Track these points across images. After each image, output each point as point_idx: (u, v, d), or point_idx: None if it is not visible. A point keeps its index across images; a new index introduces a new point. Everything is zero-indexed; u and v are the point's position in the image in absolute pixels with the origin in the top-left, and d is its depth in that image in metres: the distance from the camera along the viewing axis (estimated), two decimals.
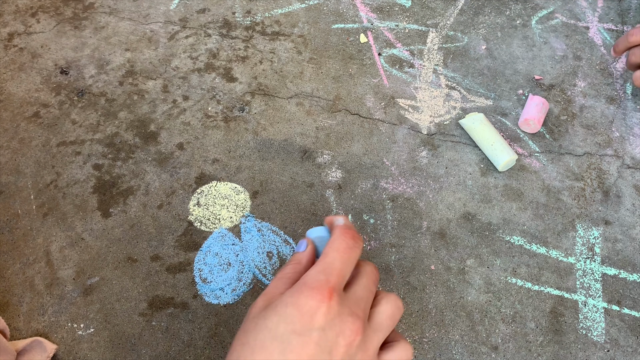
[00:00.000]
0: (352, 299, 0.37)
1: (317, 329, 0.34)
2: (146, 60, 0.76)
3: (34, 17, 0.81)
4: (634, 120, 0.71)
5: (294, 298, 0.35)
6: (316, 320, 0.34)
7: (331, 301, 0.35)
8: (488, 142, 0.66)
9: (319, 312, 0.34)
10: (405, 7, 0.83)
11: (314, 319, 0.34)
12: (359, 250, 0.40)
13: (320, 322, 0.34)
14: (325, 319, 0.34)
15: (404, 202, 0.63)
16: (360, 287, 0.39)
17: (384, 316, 0.38)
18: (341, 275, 0.37)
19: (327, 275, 0.37)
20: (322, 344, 0.34)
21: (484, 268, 0.59)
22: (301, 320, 0.34)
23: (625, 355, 0.54)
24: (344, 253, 0.39)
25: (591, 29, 0.81)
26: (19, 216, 0.61)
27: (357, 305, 0.37)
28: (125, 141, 0.68)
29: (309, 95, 0.73)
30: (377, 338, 0.37)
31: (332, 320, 0.35)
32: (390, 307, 0.39)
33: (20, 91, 0.72)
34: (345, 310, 0.35)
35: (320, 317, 0.34)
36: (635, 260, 0.59)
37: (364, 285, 0.39)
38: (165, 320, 0.55)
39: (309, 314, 0.34)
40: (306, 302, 0.35)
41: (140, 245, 0.60)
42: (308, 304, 0.35)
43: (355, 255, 0.39)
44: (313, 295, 0.35)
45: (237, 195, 0.64)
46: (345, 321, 0.35)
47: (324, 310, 0.34)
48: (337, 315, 0.35)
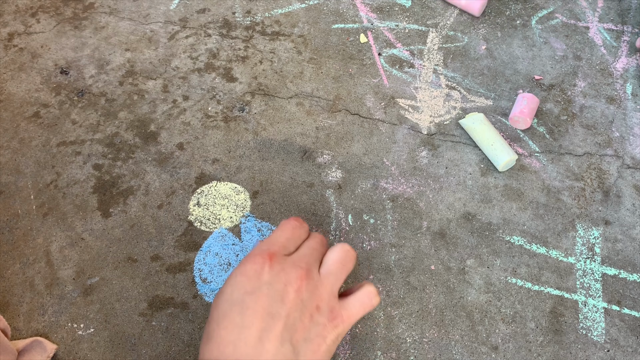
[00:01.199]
0: (295, 257, 0.42)
1: (265, 283, 0.39)
2: (146, 60, 0.76)
3: (34, 17, 0.81)
4: (634, 120, 0.71)
5: (240, 268, 0.40)
6: (262, 277, 0.39)
7: (272, 261, 0.40)
8: (488, 142, 0.66)
9: (263, 271, 0.39)
10: (405, 7, 0.83)
11: (260, 278, 0.39)
12: (303, 231, 0.45)
13: (266, 278, 0.39)
14: (270, 275, 0.39)
15: (404, 202, 0.63)
16: (303, 248, 0.43)
17: (331, 261, 0.42)
18: (283, 246, 0.42)
19: (268, 245, 0.42)
20: (272, 294, 0.38)
21: (484, 268, 0.59)
22: (249, 282, 0.39)
23: (625, 355, 0.54)
24: (287, 231, 0.43)
25: (591, 29, 0.81)
26: (19, 216, 0.61)
27: (300, 260, 0.41)
28: (125, 141, 0.68)
29: (309, 95, 0.73)
30: (328, 281, 0.41)
31: (277, 274, 0.39)
32: (336, 252, 0.43)
33: (20, 91, 0.72)
34: (288, 264, 0.40)
35: (265, 274, 0.39)
36: (635, 260, 0.59)
37: (307, 245, 0.44)
38: (165, 320, 0.55)
39: (255, 275, 0.39)
40: (251, 267, 0.39)
41: (140, 245, 0.60)
42: (252, 267, 0.39)
43: (300, 234, 0.44)
44: (256, 260, 0.40)
45: (237, 195, 0.64)
46: (289, 272, 0.39)
47: (267, 268, 0.39)
48: (281, 270, 0.40)
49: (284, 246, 0.42)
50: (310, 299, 0.39)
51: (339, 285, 0.42)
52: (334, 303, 0.41)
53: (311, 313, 0.39)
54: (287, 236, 0.43)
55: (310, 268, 0.41)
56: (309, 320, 0.39)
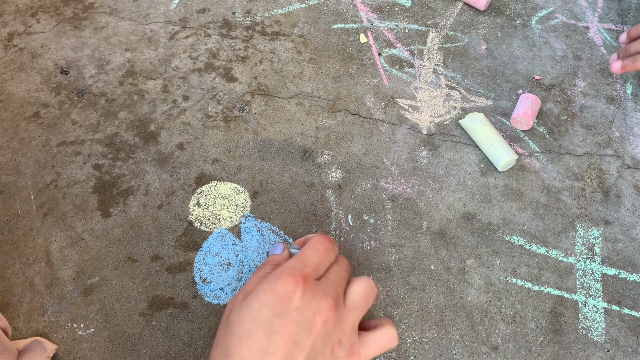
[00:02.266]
0: (325, 283, 0.41)
1: (295, 309, 0.38)
2: (146, 60, 0.76)
3: (34, 17, 0.81)
4: (634, 120, 0.71)
5: (271, 284, 0.39)
6: (293, 302, 0.38)
7: (305, 285, 0.39)
8: (488, 142, 0.66)
9: (294, 294, 0.38)
10: (405, 7, 0.83)
11: (291, 301, 0.38)
12: (334, 254, 0.44)
13: (297, 304, 0.38)
14: (301, 300, 0.38)
15: (404, 202, 0.63)
16: (332, 274, 0.42)
17: (357, 295, 0.42)
18: (315, 268, 0.41)
19: (302, 266, 0.41)
20: (301, 322, 0.37)
21: (484, 268, 0.59)
22: (280, 304, 0.38)
23: (625, 355, 0.54)
24: (320, 252, 0.43)
25: (591, 29, 0.81)
26: (19, 216, 0.61)
27: (330, 288, 0.40)
28: (125, 141, 0.68)
29: (309, 95, 0.73)
30: (353, 315, 0.40)
31: (308, 301, 0.38)
32: (362, 286, 0.42)
33: (20, 91, 0.72)
34: (319, 292, 0.39)
35: (297, 299, 0.38)
36: (635, 260, 0.59)
37: (336, 272, 0.43)
38: (165, 320, 0.55)
39: (286, 297, 0.38)
40: (283, 287, 0.38)
41: (140, 245, 0.60)
42: (285, 288, 0.38)
43: (330, 257, 0.43)
44: (289, 280, 0.39)
45: (237, 195, 0.64)
46: (319, 301, 0.39)
47: (299, 293, 0.38)
48: (312, 297, 0.39)
49: (316, 269, 0.41)
50: (335, 331, 0.39)
51: (359, 319, 0.41)
52: (354, 338, 0.40)
53: (333, 346, 0.38)
54: (320, 258, 0.42)
55: (338, 299, 0.40)
56: (330, 353, 0.38)
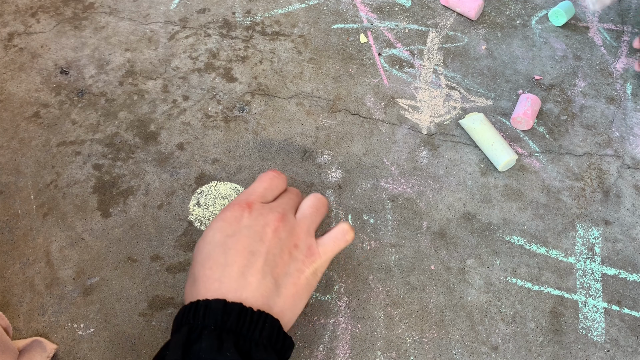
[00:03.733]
0: (272, 204, 0.45)
1: (244, 227, 0.42)
2: (146, 60, 0.76)
3: (34, 17, 0.81)
4: (634, 120, 0.71)
5: (220, 215, 0.44)
6: (242, 221, 0.43)
7: (251, 208, 0.43)
8: (488, 142, 0.66)
9: (242, 217, 0.43)
10: (405, 7, 0.83)
11: (240, 222, 0.43)
12: (281, 182, 0.48)
13: (245, 223, 0.42)
14: (249, 220, 0.43)
15: (404, 202, 0.63)
16: (281, 198, 0.47)
17: (305, 207, 0.47)
18: (261, 195, 0.46)
19: (247, 195, 0.45)
20: (252, 235, 0.42)
21: (484, 268, 0.59)
22: (230, 226, 0.42)
23: (625, 355, 0.54)
24: (265, 181, 0.47)
25: (591, 29, 0.81)
26: (19, 216, 0.61)
27: (277, 206, 0.45)
28: (125, 141, 0.68)
29: (309, 95, 0.73)
30: (304, 223, 0.45)
31: (256, 217, 0.43)
32: (310, 200, 0.47)
33: (20, 91, 0.72)
34: (266, 210, 0.44)
35: (245, 220, 0.43)
36: (635, 260, 0.59)
37: (284, 195, 0.47)
38: (165, 320, 0.55)
39: (235, 220, 0.43)
40: (231, 214, 0.43)
41: (140, 245, 0.60)
42: (232, 214, 0.43)
43: (278, 184, 0.48)
44: (235, 208, 0.44)
45: (237, 195, 0.64)
46: (266, 215, 0.43)
47: (246, 214, 0.43)
48: (260, 214, 0.43)
49: (262, 195, 0.46)
50: (288, 238, 0.43)
51: (314, 227, 0.46)
52: (311, 241, 0.45)
53: (290, 250, 0.43)
54: (265, 186, 0.47)
55: (286, 212, 0.45)
56: (288, 256, 0.42)
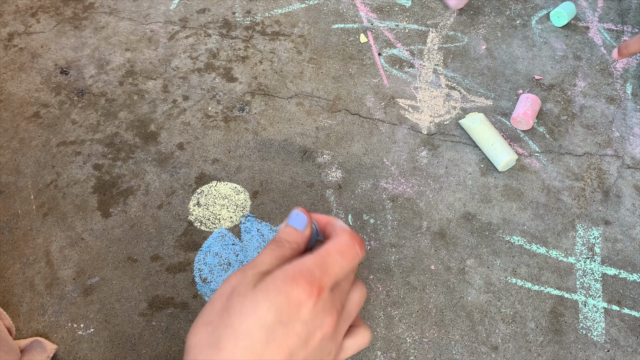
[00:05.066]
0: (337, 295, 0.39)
1: (301, 321, 0.36)
2: (146, 60, 0.76)
3: (34, 17, 0.81)
4: (634, 120, 0.71)
5: (287, 287, 0.36)
6: (302, 312, 0.36)
7: (319, 298, 0.37)
8: (488, 142, 0.66)
9: (306, 305, 0.36)
10: (405, 7, 0.83)
11: (300, 311, 0.36)
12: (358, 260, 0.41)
13: (305, 315, 0.36)
14: (310, 313, 0.36)
15: (404, 202, 0.63)
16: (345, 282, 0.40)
17: (353, 304, 0.40)
18: (336, 278, 0.38)
19: (322, 274, 0.38)
20: (302, 335, 0.36)
21: (484, 268, 0.59)
22: (288, 310, 0.36)
23: (625, 355, 0.54)
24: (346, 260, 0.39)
25: (591, 29, 0.81)
26: (19, 216, 0.61)
27: (338, 299, 0.39)
28: (125, 141, 0.68)
29: (309, 95, 0.73)
30: (346, 325, 0.39)
31: (317, 314, 0.37)
32: (359, 295, 0.41)
33: (20, 91, 0.72)
34: (329, 306, 0.37)
35: (306, 311, 0.36)
36: (635, 260, 0.59)
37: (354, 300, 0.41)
38: (165, 320, 0.55)
39: (297, 306, 0.36)
40: (297, 295, 0.36)
41: (140, 245, 0.60)
42: (298, 296, 0.36)
43: (355, 264, 0.40)
44: (305, 288, 0.36)
45: (237, 195, 0.64)
46: (326, 316, 0.37)
47: (310, 305, 0.36)
48: (321, 310, 0.37)
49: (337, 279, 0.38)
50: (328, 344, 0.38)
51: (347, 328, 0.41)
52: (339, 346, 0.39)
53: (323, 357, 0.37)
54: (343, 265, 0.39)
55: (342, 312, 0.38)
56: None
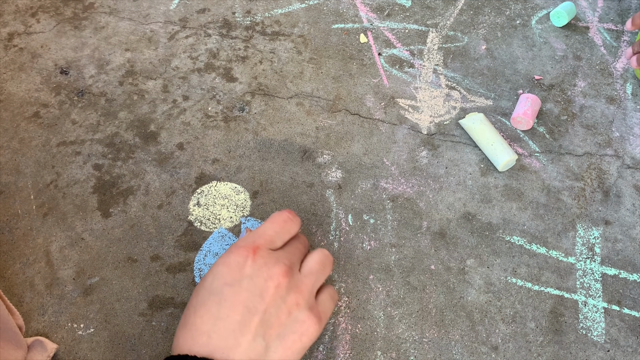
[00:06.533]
0: (279, 253, 0.42)
1: (246, 277, 0.39)
2: (146, 60, 0.76)
3: (34, 17, 0.81)
4: (634, 120, 0.71)
5: (224, 258, 0.40)
6: (244, 271, 0.39)
7: (256, 254, 0.40)
8: (488, 142, 0.66)
9: (245, 264, 0.39)
10: (405, 7, 0.83)
11: (242, 270, 0.39)
12: (294, 226, 0.44)
13: (248, 272, 0.39)
14: (252, 269, 0.39)
15: (404, 202, 0.63)
16: (287, 246, 0.43)
17: (312, 262, 0.43)
18: (270, 239, 0.42)
19: (255, 238, 0.42)
20: (252, 289, 0.38)
21: (484, 268, 0.59)
22: (230, 273, 0.39)
23: (626, 355, 0.54)
24: (277, 224, 0.43)
25: (591, 29, 0.81)
26: (19, 216, 0.61)
27: (283, 257, 0.41)
28: (125, 141, 0.68)
29: (309, 95, 0.73)
30: (309, 280, 0.42)
31: (259, 268, 0.39)
32: (317, 255, 0.44)
33: (20, 91, 0.72)
34: (272, 260, 0.40)
35: (248, 268, 0.39)
36: (635, 260, 0.59)
37: (292, 244, 0.44)
38: (165, 320, 0.55)
39: (237, 267, 0.39)
40: (235, 259, 0.40)
41: (140, 245, 0.60)
42: (236, 259, 0.39)
43: (289, 229, 0.44)
44: (240, 252, 0.40)
45: (237, 195, 0.64)
46: (271, 268, 0.40)
47: (249, 262, 0.39)
48: (264, 265, 0.40)
49: (271, 240, 0.42)
50: (290, 295, 0.39)
51: (318, 286, 0.42)
52: (313, 302, 0.41)
53: (289, 309, 0.39)
54: (276, 229, 0.43)
55: (292, 266, 0.41)
56: (286, 316, 0.39)
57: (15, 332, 0.48)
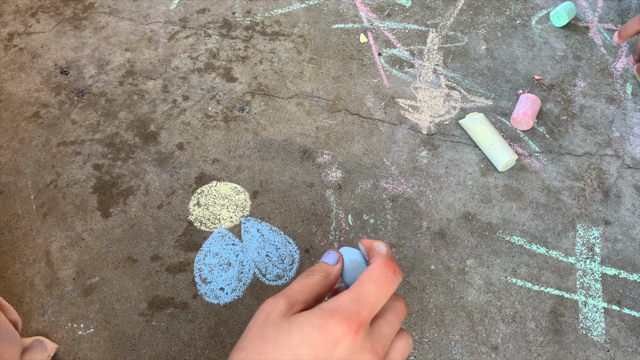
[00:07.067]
0: (375, 335, 0.37)
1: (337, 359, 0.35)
2: (146, 60, 0.76)
3: (34, 17, 0.81)
4: (634, 120, 0.71)
5: (322, 322, 0.35)
6: (338, 350, 0.35)
7: (357, 335, 0.35)
8: (488, 142, 0.66)
9: (343, 343, 0.35)
10: (405, 7, 0.83)
11: (336, 349, 0.35)
12: (396, 286, 0.39)
13: (342, 354, 0.35)
14: (347, 352, 0.35)
15: (404, 202, 0.63)
16: (386, 324, 0.39)
17: (398, 354, 0.39)
18: (373, 310, 0.38)
19: (359, 307, 0.37)
20: None
21: (484, 268, 0.59)
22: (324, 347, 0.35)
23: (625, 355, 0.54)
24: (381, 287, 0.38)
25: (591, 29, 0.81)
26: (19, 216, 0.61)
27: (378, 343, 0.37)
28: (125, 141, 0.68)
29: (309, 95, 0.73)
30: None
31: (353, 353, 0.35)
32: (404, 345, 0.39)
33: (20, 91, 0.72)
34: (367, 345, 0.36)
35: (343, 349, 0.35)
36: (635, 260, 0.59)
37: (391, 322, 0.39)
38: (165, 320, 0.55)
39: (333, 342, 0.35)
40: (333, 330, 0.35)
41: (140, 245, 0.60)
42: (335, 332, 0.35)
43: (392, 291, 0.39)
44: (342, 324, 0.35)
45: (237, 195, 0.64)
46: (364, 357, 0.35)
47: (348, 342, 0.35)
48: (358, 350, 0.35)
49: (374, 310, 0.38)
50: None
51: None
52: None
53: None
54: (380, 294, 0.38)
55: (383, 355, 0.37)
56: None
57: (8, 329, 0.48)
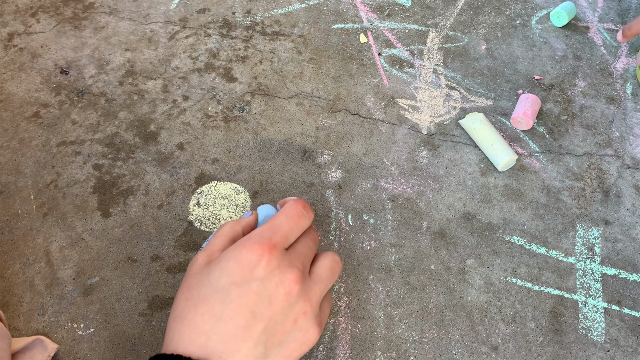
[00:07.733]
0: (292, 254, 0.39)
1: (257, 279, 0.36)
2: (146, 60, 0.76)
3: (34, 17, 0.81)
4: (634, 120, 0.71)
5: (236, 252, 0.37)
6: (256, 272, 0.36)
7: (271, 255, 0.37)
8: (488, 142, 0.66)
9: (259, 264, 0.37)
10: (405, 7, 0.83)
11: (254, 271, 0.36)
12: (308, 220, 0.42)
13: (260, 274, 0.36)
14: (265, 271, 0.37)
15: (404, 202, 0.63)
16: (300, 245, 0.41)
17: (323, 268, 0.41)
18: (285, 236, 0.40)
19: (271, 233, 0.39)
20: (262, 293, 0.36)
21: (484, 268, 0.59)
22: (241, 272, 0.36)
23: (625, 355, 0.54)
24: (292, 219, 0.41)
25: (591, 29, 0.81)
26: (19, 216, 0.61)
27: (297, 259, 0.39)
28: (125, 141, 0.68)
29: (309, 95, 0.73)
30: (319, 288, 0.40)
31: (272, 271, 0.37)
32: (328, 260, 0.42)
33: (20, 91, 0.72)
34: (285, 263, 0.38)
35: (260, 270, 0.37)
36: (635, 260, 0.60)
37: (305, 243, 0.42)
38: (165, 320, 0.55)
39: (249, 266, 0.37)
40: (247, 256, 0.37)
41: (140, 245, 0.60)
42: (249, 257, 0.37)
43: (303, 224, 0.42)
44: (254, 249, 0.37)
45: (237, 195, 0.64)
46: (284, 272, 0.37)
47: (263, 263, 0.37)
48: (277, 267, 0.37)
49: (286, 237, 0.40)
50: (298, 303, 0.37)
51: (324, 293, 0.40)
52: (318, 310, 0.39)
53: (296, 318, 0.37)
54: (292, 225, 0.40)
55: (305, 270, 0.39)
56: (291, 324, 0.37)
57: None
